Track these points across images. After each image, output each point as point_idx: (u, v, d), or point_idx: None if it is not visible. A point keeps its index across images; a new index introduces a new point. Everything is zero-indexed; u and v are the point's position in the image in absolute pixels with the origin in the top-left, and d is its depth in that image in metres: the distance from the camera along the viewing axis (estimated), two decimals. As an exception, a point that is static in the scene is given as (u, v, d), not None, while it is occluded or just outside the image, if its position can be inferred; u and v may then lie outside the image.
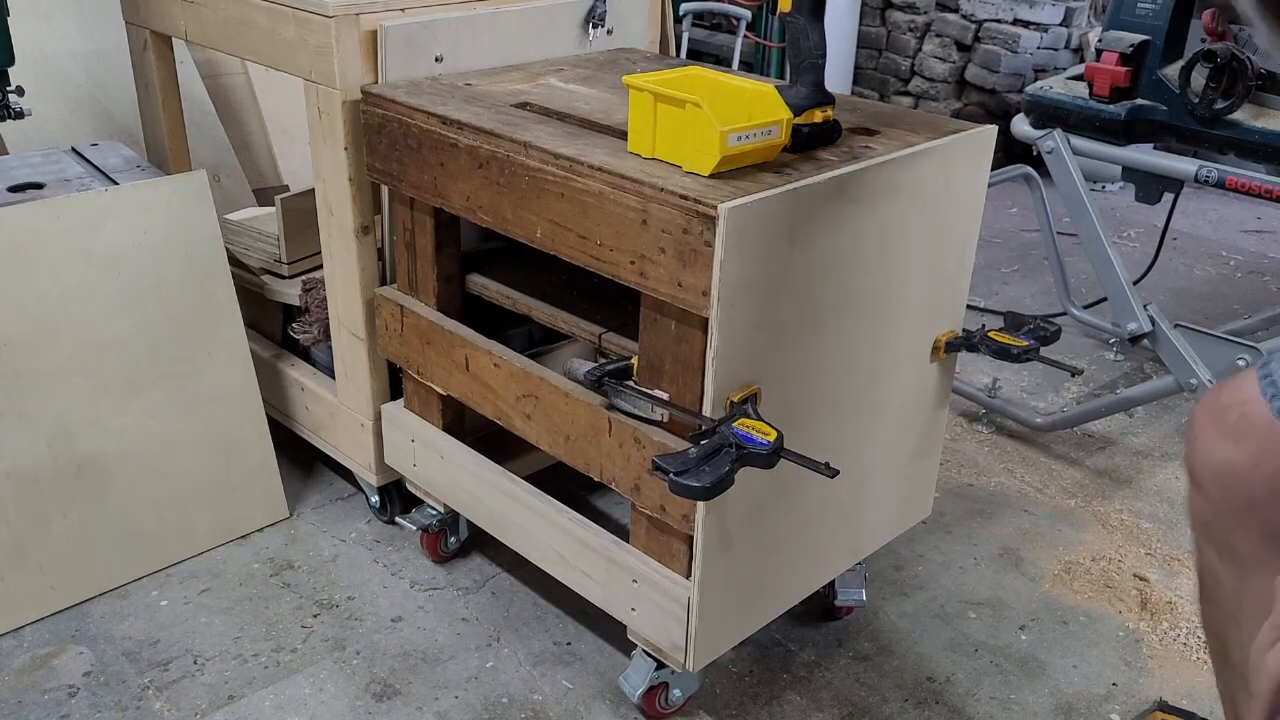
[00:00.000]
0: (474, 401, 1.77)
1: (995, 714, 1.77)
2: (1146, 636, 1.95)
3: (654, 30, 2.18)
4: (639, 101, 1.41)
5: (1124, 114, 2.30)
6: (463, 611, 1.93)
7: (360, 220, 1.84)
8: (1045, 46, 4.45)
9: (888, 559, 2.10)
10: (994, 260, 3.61)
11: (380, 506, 2.14)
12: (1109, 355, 3.01)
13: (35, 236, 1.79)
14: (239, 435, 2.06)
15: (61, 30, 2.63)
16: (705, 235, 1.29)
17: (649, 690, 1.66)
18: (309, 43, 1.75)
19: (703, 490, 1.25)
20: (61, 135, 2.47)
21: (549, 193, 1.48)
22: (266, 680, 1.77)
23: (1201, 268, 3.66)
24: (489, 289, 1.80)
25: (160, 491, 1.98)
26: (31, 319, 1.80)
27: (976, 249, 1.71)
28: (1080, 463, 2.50)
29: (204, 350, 1.99)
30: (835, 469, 1.27)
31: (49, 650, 1.82)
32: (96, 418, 1.88)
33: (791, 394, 1.46)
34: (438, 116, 1.61)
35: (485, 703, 1.74)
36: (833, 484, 1.29)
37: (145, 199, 1.90)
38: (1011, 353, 1.65)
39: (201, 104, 2.75)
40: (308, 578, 2.01)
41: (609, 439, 1.54)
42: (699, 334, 1.37)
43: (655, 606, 1.57)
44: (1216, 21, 2.27)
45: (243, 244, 2.20)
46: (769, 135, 1.38)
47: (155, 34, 2.16)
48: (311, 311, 2.09)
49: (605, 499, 2.20)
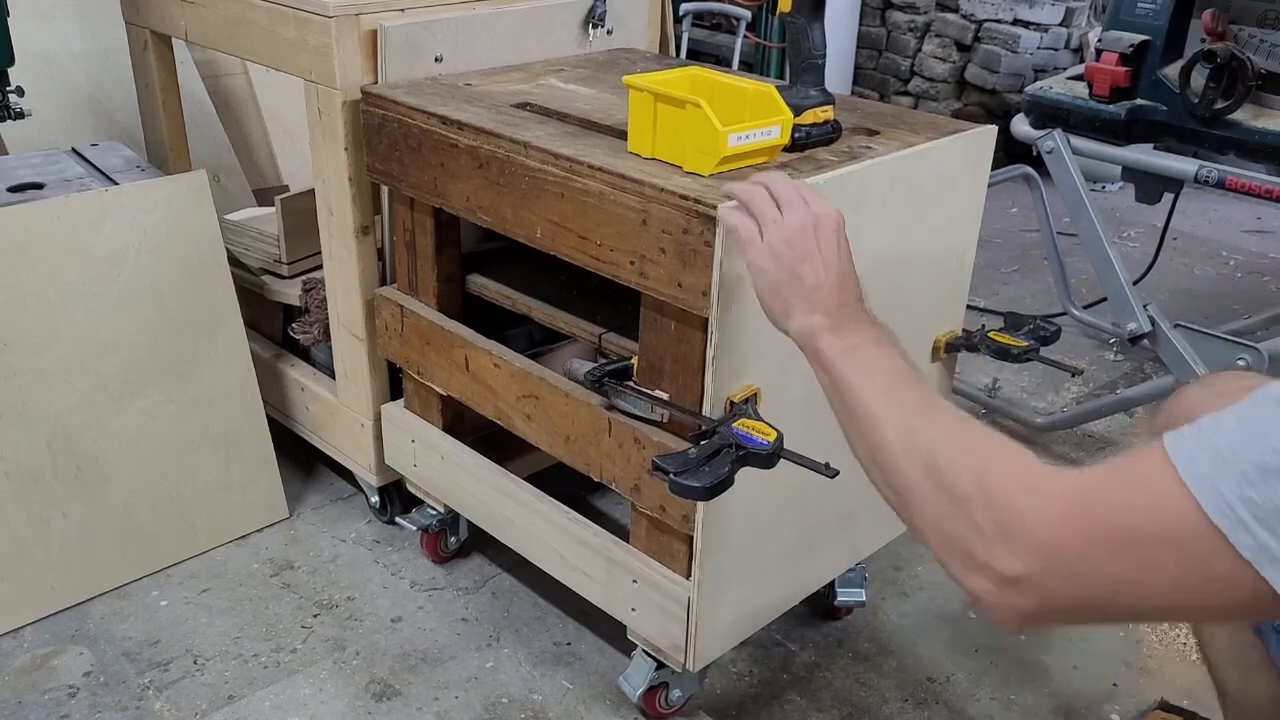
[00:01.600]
0: (474, 402, 1.77)
1: (995, 714, 1.77)
2: (1146, 637, 1.95)
3: (654, 30, 2.18)
4: (639, 101, 1.41)
5: (1124, 114, 2.30)
6: (463, 612, 1.93)
7: (360, 220, 1.84)
8: (1045, 46, 4.45)
9: (888, 559, 2.10)
10: (994, 260, 3.61)
11: (380, 507, 2.14)
12: (1109, 355, 3.01)
13: (35, 236, 1.79)
14: (239, 435, 2.06)
15: (61, 30, 2.62)
16: (705, 235, 1.29)
17: (649, 690, 1.66)
18: (309, 43, 1.75)
19: (703, 490, 1.25)
20: (62, 136, 2.47)
21: (549, 193, 1.48)
22: (266, 680, 1.77)
23: (1201, 268, 3.66)
24: (489, 289, 1.80)
25: (160, 491, 1.98)
26: (31, 319, 1.80)
27: (976, 249, 1.71)
28: (1080, 463, 2.50)
29: (204, 350, 1.99)
30: (835, 469, 1.27)
31: (49, 650, 1.82)
32: (96, 418, 1.88)
33: (791, 394, 1.46)
34: (438, 116, 1.61)
35: (485, 703, 1.74)
36: (833, 484, 1.29)
37: (145, 199, 1.90)
38: (1011, 353, 1.65)
39: (201, 104, 2.75)
40: (308, 578, 2.01)
41: (609, 439, 1.54)
42: (699, 334, 1.37)
43: (655, 606, 1.57)
44: (1216, 21, 2.26)
45: (243, 244, 2.20)
46: (769, 135, 1.38)
47: (155, 34, 2.16)
48: (311, 311, 2.09)
49: (605, 499, 2.20)
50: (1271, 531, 0.75)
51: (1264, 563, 0.75)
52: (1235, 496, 0.76)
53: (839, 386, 1.04)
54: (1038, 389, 2.82)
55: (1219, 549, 0.76)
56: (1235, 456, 0.76)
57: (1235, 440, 0.77)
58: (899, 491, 0.96)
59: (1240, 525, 0.76)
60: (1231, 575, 0.77)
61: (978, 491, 0.87)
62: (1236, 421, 0.79)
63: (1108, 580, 0.81)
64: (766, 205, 1.17)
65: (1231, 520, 0.76)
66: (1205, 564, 0.77)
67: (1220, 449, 0.77)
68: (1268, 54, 2.19)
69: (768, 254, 1.14)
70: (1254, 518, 0.75)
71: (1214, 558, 0.77)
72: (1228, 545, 0.76)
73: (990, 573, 0.86)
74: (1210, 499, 0.77)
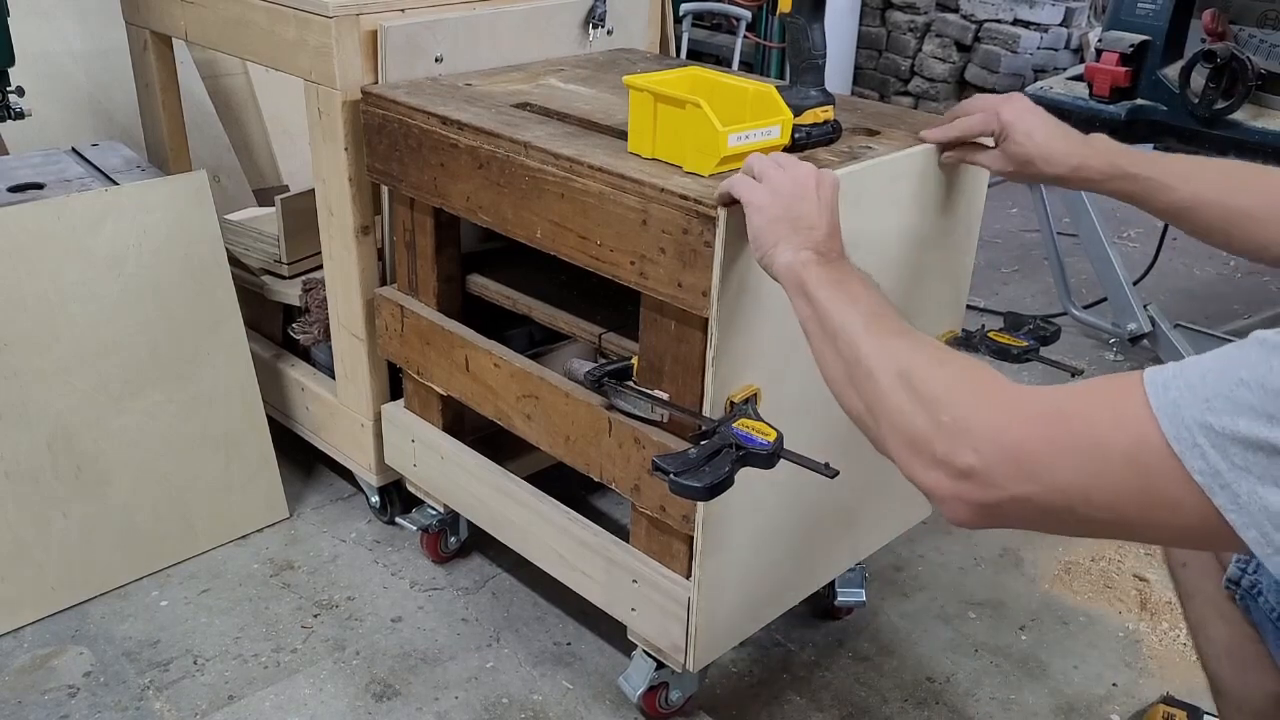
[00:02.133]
0: (474, 402, 1.77)
1: (995, 714, 1.77)
2: (1146, 637, 1.95)
3: (654, 30, 2.18)
4: (639, 102, 1.41)
5: (1124, 114, 2.30)
6: (463, 612, 1.93)
7: (360, 220, 1.84)
8: (1045, 47, 4.45)
9: (888, 559, 2.10)
10: (994, 260, 3.61)
11: (380, 507, 2.14)
12: (1109, 355, 3.01)
13: (35, 236, 1.79)
14: (239, 435, 2.06)
15: (61, 30, 2.63)
16: (705, 235, 1.29)
17: (649, 690, 1.66)
18: (309, 43, 1.75)
19: (703, 491, 1.25)
20: (62, 136, 2.47)
21: (549, 193, 1.48)
22: (266, 680, 1.77)
23: (1201, 268, 3.66)
24: (489, 289, 1.80)
25: (160, 491, 1.98)
26: (31, 319, 1.80)
27: (976, 249, 1.71)
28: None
29: (204, 350, 1.99)
30: (835, 469, 1.27)
31: (49, 650, 1.82)
32: (96, 418, 1.88)
33: (791, 394, 1.46)
34: (438, 117, 1.61)
35: (485, 703, 1.74)
36: (833, 484, 1.29)
37: (145, 199, 1.90)
38: (1011, 353, 1.65)
39: (201, 104, 2.75)
40: (308, 578, 2.01)
41: (609, 439, 1.54)
42: (699, 334, 1.37)
43: (655, 606, 1.57)
44: (1216, 22, 2.27)
45: (243, 244, 2.20)
46: (769, 135, 1.38)
47: (155, 34, 2.16)
48: (311, 311, 2.09)
49: (605, 499, 2.20)
50: (1225, 458, 0.76)
51: (1214, 489, 0.77)
52: (1195, 421, 0.77)
53: (821, 313, 1.08)
54: (1038, 389, 2.81)
55: (1173, 470, 0.78)
56: (1204, 386, 0.78)
57: (1208, 372, 0.78)
58: (870, 402, 0.99)
59: (1195, 450, 0.77)
60: (1182, 498, 0.78)
61: (945, 394, 0.91)
62: (1214, 358, 0.80)
63: (1060, 485, 0.83)
64: (767, 163, 1.24)
65: (1188, 444, 0.77)
66: (1158, 484, 0.79)
67: (1192, 379, 0.79)
68: (1268, 54, 2.19)
69: (768, 192, 1.21)
70: (1210, 444, 0.76)
71: (1167, 479, 0.78)
72: (1181, 468, 0.77)
73: (947, 467, 0.89)
74: (1171, 422, 0.78)
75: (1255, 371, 0.75)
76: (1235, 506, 0.76)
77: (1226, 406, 0.76)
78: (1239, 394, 0.76)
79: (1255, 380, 0.75)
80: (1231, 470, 0.76)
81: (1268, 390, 0.74)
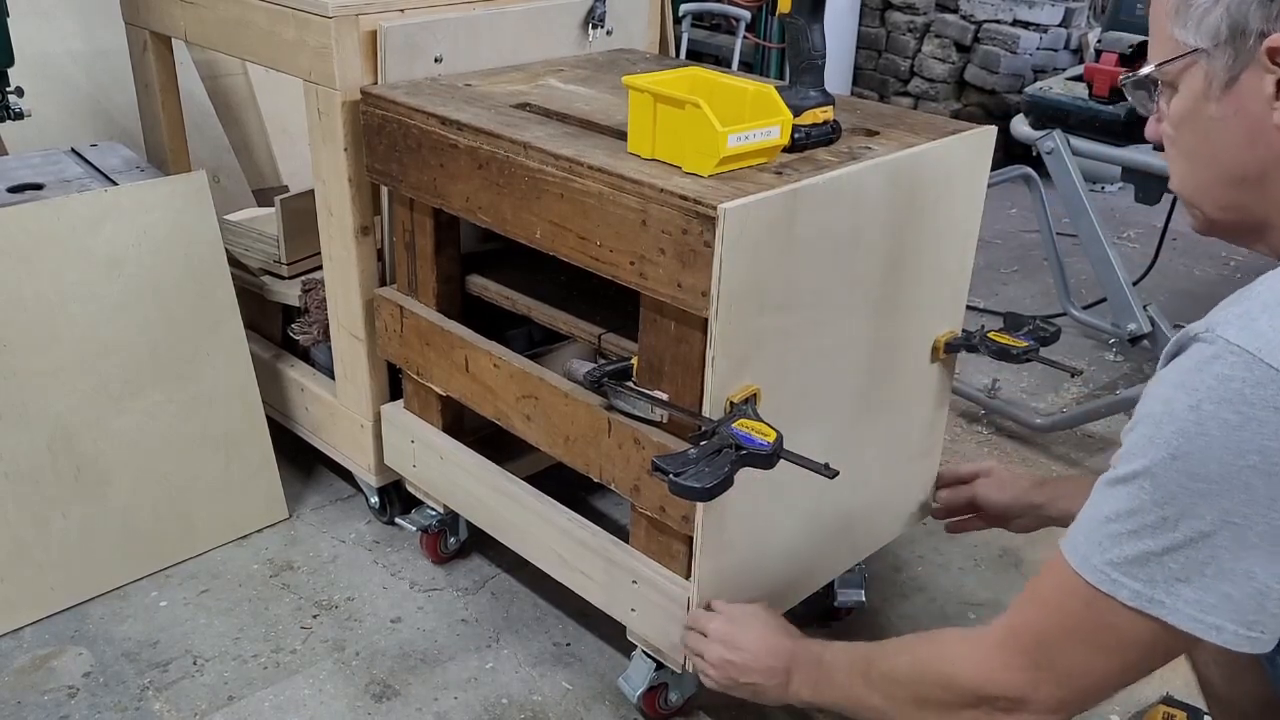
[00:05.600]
0: (474, 402, 1.77)
1: (995, 714, 1.77)
2: (1146, 637, 1.95)
3: (654, 31, 2.18)
4: (638, 102, 1.41)
5: (1124, 114, 2.30)
6: (462, 612, 1.93)
7: (360, 221, 1.84)
8: (1045, 47, 4.45)
9: (887, 560, 2.10)
10: (994, 260, 3.61)
11: (380, 507, 2.14)
12: (1109, 356, 3.01)
13: (35, 237, 1.79)
14: (239, 435, 2.06)
15: (61, 30, 2.63)
16: (705, 236, 1.29)
17: (648, 691, 1.66)
18: (308, 43, 1.75)
19: (703, 491, 1.25)
20: (61, 136, 2.47)
21: (549, 193, 1.48)
22: (266, 681, 1.77)
23: (1201, 268, 3.66)
24: (489, 290, 1.80)
25: (160, 491, 1.98)
26: (31, 319, 1.80)
27: (976, 249, 1.71)
28: (1080, 463, 2.50)
29: (204, 350, 1.99)
30: (835, 469, 1.27)
31: (49, 651, 1.82)
32: (96, 418, 1.88)
33: (791, 394, 1.46)
34: (437, 117, 1.61)
35: (485, 704, 1.74)
36: (832, 484, 1.29)
37: (145, 199, 1.90)
38: (1011, 353, 1.65)
39: (201, 104, 2.75)
40: (307, 578, 2.01)
41: (609, 440, 1.54)
42: (699, 334, 1.37)
43: (655, 607, 1.57)
44: (1216, 22, 2.27)
45: (243, 245, 2.20)
46: (769, 136, 1.38)
47: (155, 35, 2.16)
48: (311, 312, 2.09)
49: (605, 499, 2.20)
50: (1136, 579, 0.89)
51: (1146, 606, 0.89)
52: (1102, 563, 0.91)
53: (834, 705, 1.29)
54: (1037, 390, 2.82)
55: (1113, 608, 0.91)
56: (1090, 534, 0.92)
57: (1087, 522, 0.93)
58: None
59: (1116, 584, 0.90)
60: (1132, 625, 0.91)
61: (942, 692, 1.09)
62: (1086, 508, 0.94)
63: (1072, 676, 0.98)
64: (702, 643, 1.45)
65: (1108, 582, 0.91)
66: (1111, 625, 0.92)
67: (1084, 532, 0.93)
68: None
69: (721, 686, 1.43)
70: (1121, 574, 0.90)
71: (1114, 617, 0.91)
72: (1117, 603, 0.90)
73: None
74: (1090, 572, 0.92)
75: (1110, 507, 0.91)
76: (1167, 610, 0.88)
77: (1110, 542, 0.90)
78: (1111, 529, 0.90)
79: (1113, 513, 0.90)
80: (1148, 585, 0.89)
81: (1123, 515, 0.89)
